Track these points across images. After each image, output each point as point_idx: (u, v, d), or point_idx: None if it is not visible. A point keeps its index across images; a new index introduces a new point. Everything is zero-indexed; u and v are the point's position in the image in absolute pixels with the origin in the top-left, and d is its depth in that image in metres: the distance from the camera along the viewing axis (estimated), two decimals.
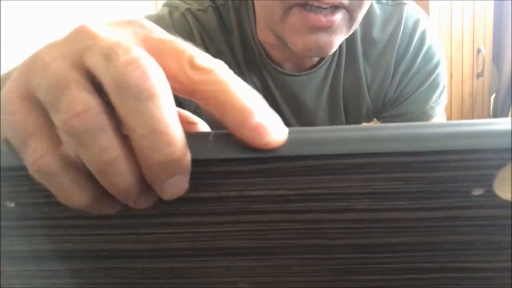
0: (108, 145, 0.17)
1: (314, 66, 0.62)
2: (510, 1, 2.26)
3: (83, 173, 0.18)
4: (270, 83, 0.62)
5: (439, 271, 0.22)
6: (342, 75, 0.63)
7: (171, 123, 0.17)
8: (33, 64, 0.18)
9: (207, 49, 0.59)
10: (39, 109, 0.18)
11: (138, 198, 0.18)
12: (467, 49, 2.14)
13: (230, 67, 0.18)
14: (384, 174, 0.18)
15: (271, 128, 0.17)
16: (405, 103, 0.65)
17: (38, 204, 0.21)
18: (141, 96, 0.16)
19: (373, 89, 0.64)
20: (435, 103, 0.66)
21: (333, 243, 0.21)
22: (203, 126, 0.24)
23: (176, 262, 0.23)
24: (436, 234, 0.20)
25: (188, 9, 0.59)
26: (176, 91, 0.18)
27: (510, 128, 0.17)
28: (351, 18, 0.50)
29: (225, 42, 0.59)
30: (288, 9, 0.49)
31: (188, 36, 0.58)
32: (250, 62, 0.61)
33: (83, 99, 0.16)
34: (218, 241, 0.21)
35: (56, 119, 0.17)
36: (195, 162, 0.18)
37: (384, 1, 0.63)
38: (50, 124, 0.18)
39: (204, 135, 0.18)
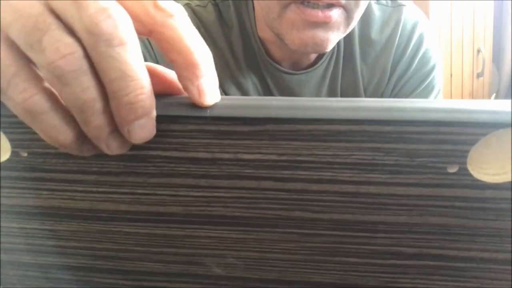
0: (88, 85, 0.18)
1: (312, 65, 0.62)
2: (510, 1, 2.26)
3: (67, 111, 0.19)
4: (269, 81, 0.62)
5: (417, 258, 0.22)
6: (340, 75, 0.63)
7: (139, 68, 0.18)
8: None
9: None
10: (15, 48, 0.18)
11: (110, 142, 0.20)
12: (467, 49, 2.14)
13: (229, 64, 0.19)
14: (365, 143, 0.19)
15: (209, 91, 0.20)
16: None
17: (48, 155, 0.22)
18: (113, 43, 0.18)
19: (369, 90, 0.64)
20: None
21: (317, 217, 0.22)
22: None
23: (170, 229, 0.24)
24: (413, 214, 0.21)
25: (187, 4, 0.59)
26: (137, 30, 0.19)
27: (482, 104, 0.18)
28: (348, 17, 0.50)
29: (224, 38, 0.60)
30: (286, 6, 0.49)
31: None
32: (250, 59, 0.61)
33: (68, 42, 0.18)
34: (211, 207, 0.22)
35: (40, 59, 0.18)
36: (188, 119, 0.19)
37: (384, 2, 0.63)
38: (29, 64, 0.19)
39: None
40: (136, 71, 0.18)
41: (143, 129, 0.19)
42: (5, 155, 0.22)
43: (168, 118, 0.20)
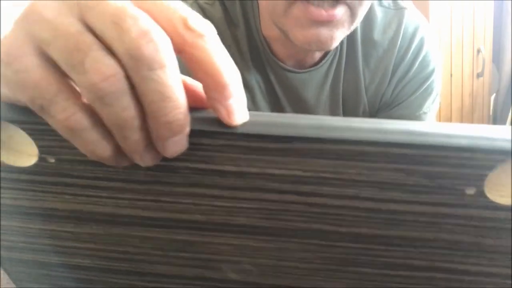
0: (128, 105, 0.19)
1: (315, 64, 0.63)
2: (510, 1, 2.26)
3: (104, 127, 0.19)
4: (272, 78, 0.62)
5: (427, 270, 0.23)
6: (342, 74, 0.64)
7: (177, 89, 0.19)
8: (33, 18, 0.18)
9: None
10: (55, 66, 0.19)
11: (144, 155, 0.20)
12: (467, 49, 2.14)
13: (235, 61, 0.20)
14: (389, 164, 0.20)
15: (238, 112, 0.20)
16: (399, 107, 0.66)
17: (76, 161, 0.22)
18: (154, 67, 0.18)
19: (370, 91, 0.65)
20: (427, 109, 0.67)
21: (336, 230, 0.22)
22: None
23: (190, 235, 0.24)
24: (429, 231, 0.21)
25: (195, 1, 0.60)
26: None
27: (502, 132, 0.19)
28: (352, 14, 0.51)
29: (230, 36, 0.60)
30: (291, 4, 0.49)
31: None
32: (255, 56, 0.61)
33: (110, 64, 0.18)
34: (233, 217, 0.23)
35: (81, 80, 0.18)
36: (219, 135, 0.20)
37: (386, 4, 0.64)
38: (68, 81, 0.19)
39: None
40: (175, 92, 0.18)
41: (177, 145, 0.20)
42: (32, 160, 0.23)
43: (199, 133, 0.20)
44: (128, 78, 0.18)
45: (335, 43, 0.52)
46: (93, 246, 0.26)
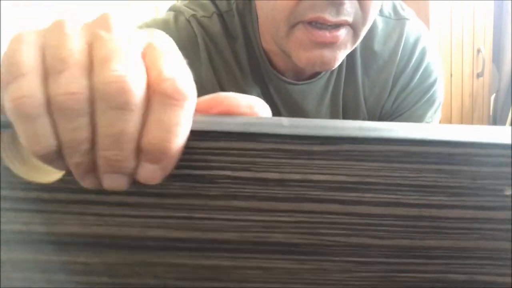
0: (81, 127, 0.19)
1: (315, 75, 0.62)
2: (510, 1, 2.27)
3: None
4: (272, 91, 0.62)
5: (467, 284, 0.22)
6: (342, 85, 0.63)
7: (128, 136, 0.19)
8: (55, 26, 0.20)
9: (211, 56, 0.59)
10: (41, 53, 0.20)
11: (84, 177, 0.21)
12: (467, 49, 2.15)
13: (235, 74, 0.20)
14: (433, 165, 0.20)
15: (149, 171, 0.20)
16: (400, 118, 0.65)
17: None
18: (116, 106, 0.19)
19: (370, 102, 0.64)
20: (430, 119, 0.66)
21: (376, 243, 0.22)
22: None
23: (219, 259, 0.23)
24: (467, 238, 0.21)
25: (193, 16, 0.59)
26: None
27: None
28: (355, 34, 0.51)
29: (229, 49, 0.59)
30: (293, 25, 0.49)
31: (192, 42, 0.58)
32: (254, 68, 0.61)
33: (81, 83, 0.19)
34: (269, 233, 0.22)
35: (52, 86, 0.19)
36: (264, 137, 0.20)
37: (387, 14, 0.63)
38: (44, 75, 0.19)
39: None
40: (125, 137, 0.19)
41: (114, 182, 0.20)
42: (56, 176, 0.21)
43: (243, 136, 0.20)
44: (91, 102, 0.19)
45: (338, 63, 0.52)
46: (108, 280, 0.23)
